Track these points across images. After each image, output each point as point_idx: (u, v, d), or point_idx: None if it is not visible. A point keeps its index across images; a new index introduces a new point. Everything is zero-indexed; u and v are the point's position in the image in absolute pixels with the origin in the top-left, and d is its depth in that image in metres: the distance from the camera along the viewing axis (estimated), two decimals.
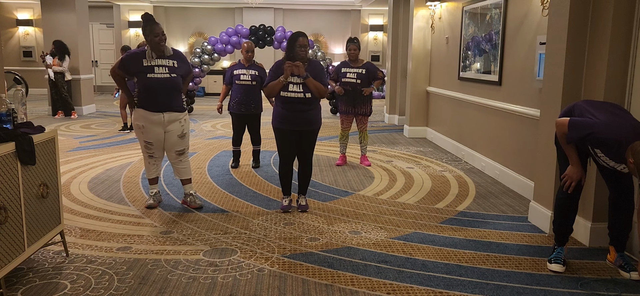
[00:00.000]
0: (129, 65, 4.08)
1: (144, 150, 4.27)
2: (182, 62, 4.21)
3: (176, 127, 4.20)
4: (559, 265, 3.19)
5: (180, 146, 4.28)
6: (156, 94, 4.05)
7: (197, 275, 3.07)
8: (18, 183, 2.77)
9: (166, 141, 4.22)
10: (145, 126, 4.13)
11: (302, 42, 4.04)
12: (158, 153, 4.29)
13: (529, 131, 4.82)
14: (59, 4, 10.44)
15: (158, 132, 4.15)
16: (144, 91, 4.06)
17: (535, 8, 4.70)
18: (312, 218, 4.13)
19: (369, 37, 16.13)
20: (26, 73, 14.38)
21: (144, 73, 4.02)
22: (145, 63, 4.04)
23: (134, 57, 4.07)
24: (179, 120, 4.21)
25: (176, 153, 4.29)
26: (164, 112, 4.10)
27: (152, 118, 4.10)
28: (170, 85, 4.08)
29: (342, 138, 6.08)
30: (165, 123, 4.14)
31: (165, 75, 4.06)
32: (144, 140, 4.20)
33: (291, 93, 4.05)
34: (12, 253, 2.73)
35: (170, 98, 4.11)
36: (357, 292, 2.88)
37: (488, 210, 4.42)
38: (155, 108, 4.07)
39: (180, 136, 4.24)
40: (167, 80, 4.06)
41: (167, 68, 4.08)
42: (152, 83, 4.02)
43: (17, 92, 3.19)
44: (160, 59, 4.08)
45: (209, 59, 10.40)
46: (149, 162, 4.32)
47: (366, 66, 5.81)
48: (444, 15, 7.44)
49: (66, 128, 8.85)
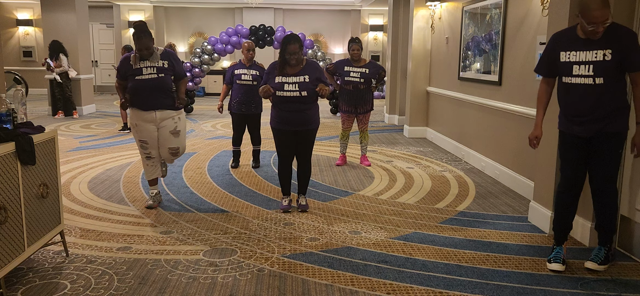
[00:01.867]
0: (122, 70, 4.18)
1: (141, 151, 4.30)
2: (174, 62, 4.23)
3: (169, 123, 4.22)
4: (559, 264, 3.19)
5: (174, 144, 4.26)
6: (144, 94, 4.10)
7: (197, 275, 3.07)
8: (18, 183, 2.77)
9: (159, 137, 4.23)
10: (139, 124, 4.18)
11: (292, 50, 3.98)
12: (154, 153, 4.29)
13: (528, 131, 4.80)
14: (59, 4, 10.44)
15: (151, 129, 4.19)
16: (132, 92, 4.13)
17: (535, 8, 4.70)
18: (312, 218, 4.13)
19: (369, 37, 16.13)
20: (26, 73, 14.38)
21: (132, 76, 4.10)
22: (135, 66, 4.09)
23: (124, 63, 4.17)
24: (172, 117, 4.23)
25: (169, 152, 4.28)
26: (155, 110, 4.14)
27: (145, 116, 4.15)
28: (156, 85, 4.11)
29: (343, 138, 6.07)
30: (158, 120, 4.18)
31: (152, 75, 4.10)
32: (138, 139, 4.24)
33: (287, 92, 4.04)
34: (12, 253, 2.73)
35: (158, 97, 4.14)
36: (357, 292, 2.88)
37: (488, 210, 4.42)
38: (146, 107, 4.12)
39: (173, 132, 4.24)
40: (154, 80, 4.10)
41: (155, 68, 4.11)
42: (139, 85, 4.08)
43: (17, 92, 3.18)
44: (149, 61, 4.11)
45: (209, 59, 10.40)
46: (147, 163, 4.33)
47: (369, 66, 5.80)
48: (444, 15, 7.44)
49: (66, 128, 8.85)
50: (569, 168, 3.23)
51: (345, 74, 5.77)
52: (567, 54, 3.08)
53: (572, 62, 3.05)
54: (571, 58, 3.06)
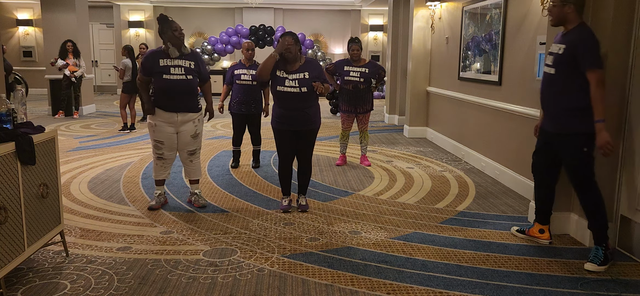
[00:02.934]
0: (147, 65, 4.07)
1: (154, 150, 4.24)
2: (199, 64, 4.20)
3: (189, 127, 4.19)
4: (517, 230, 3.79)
5: (193, 146, 4.28)
6: (171, 95, 4.04)
7: (197, 275, 3.07)
8: (18, 183, 2.77)
9: (179, 141, 4.21)
10: (158, 125, 4.12)
11: (288, 42, 4.01)
12: (167, 155, 4.23)
13: (529, 131, 4.81)
14: (59, 4, 10.43)
15: (170, 131, 4.15)
16: (159, 92, 4.06)
17: (535, 8, 4.70)
18: (312, 218, 4.13)
19: (369, 37, 16.13)
20: (26, 73, 14.37)
21: (160, 73, 4.02)
22: (162, 63, 4.02)
23: (152, 56, 4.07)
24: (193, 120, 4.21)
25: (188, 153, 4.29)
26: (178, 113, 4.10)
27: (166, 117, 4.10)
28: (185, 87, 4.08)
29: (343, 138, 6.07)
30: (179, 123, 4.14)
31: (180, 76, 4.04)
32: (154, 139, 4.18)
33: (287, 87, 4.03)
34: (12, 253, 2.73)
35: (185, 100, 4.11)
36: (357, 292, 2.88)
37: (488, 210, 4.42)
38: (170, 108, 4.07)
39: (193, 136, 4.24)
40: (183, 82, 4.05)
41: (183, 68, 4.06)
42: (167, 85, 4.02)
43: (17, 92, 3.18)
44: (178, 59, 4.05)
45: (209, 59, 10.41)
46: (157, 163, 4.28)
47: (369, 66, 5.79)
48: (444, 15, 7.44)
49: (66, 128, 8.86)
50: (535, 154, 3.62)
51: (345, 74, 5.77)
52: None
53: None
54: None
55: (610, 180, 3.52)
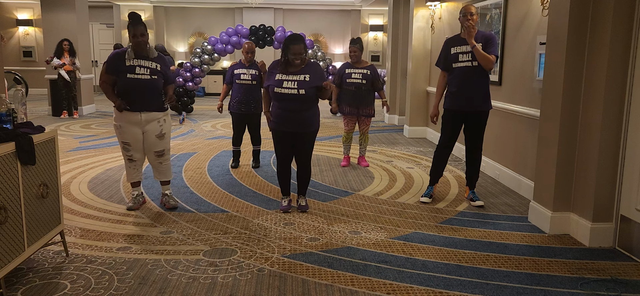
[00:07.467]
0: (112, 65, 4.02)
1: (123, 152, 4.21)
2: (164, 66, 4.14)
3: (154, 126, 4.13)
4: (427, 198, 4.61)
5: (159, 147, 4.21)
6: (134, 95, 4.00)
7: (197, 275, 3.07)
8: (18, 183, 2.77)
9: (145, 142, 4.16)
10: (123, 126, 4.08)
11: (297, 50, 3.94)
12: (137, 156, 4.20)
13: (529, 131, 4.82)
14: (59, 4, 10.43)
15: (135, 131, 4.10)
16: (123, 91, 4.01)
17: (535, 8, 4.70)
18: (312, 218, 4.13)
19: (369, 37, 16.14)
20: (26, 73, 14.38)
21: (124, 73, 3.97)
22: (128, 62, 3.98)
23: (116, 56, 4.03)
24: (157, 119, 4.14)
25: (155, 155, 4.22)
26: (141, 112, 4.05)
27: (130, 118, 4.05)
28: (149, 86, 4.03)
29: (346, 141, 6.06)
30: (143, 123, 4.09)
31: (145, 76, 4.00)
32: (121, 141, 4.14)
33: (285, 89, 4.02)
34: (12, 253, 2.73)
35: (149, 99, 4.05)
36: (357, 292, 2.88)
37: (488, 210, 4.42)
38: (133, 107, 4.02)
39: (159, 136, 4.17)
40: (147, 81, 4.01)
41: (148, 69, 4.02)
42: (130, 84, 3.97)
43: (17, 92, 3.19)
44: (143, 60, 4.02)
45: (209, 59, 10.40)
46: (129, 165, 4.24)
47: (370, 68, 5.79)
48: (444, 15, 7.44)
49: (66, 128, 8.86)
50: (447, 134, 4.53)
51: (347, 76, 5.76)
52: None
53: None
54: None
55: (611, 180, 3.53)
